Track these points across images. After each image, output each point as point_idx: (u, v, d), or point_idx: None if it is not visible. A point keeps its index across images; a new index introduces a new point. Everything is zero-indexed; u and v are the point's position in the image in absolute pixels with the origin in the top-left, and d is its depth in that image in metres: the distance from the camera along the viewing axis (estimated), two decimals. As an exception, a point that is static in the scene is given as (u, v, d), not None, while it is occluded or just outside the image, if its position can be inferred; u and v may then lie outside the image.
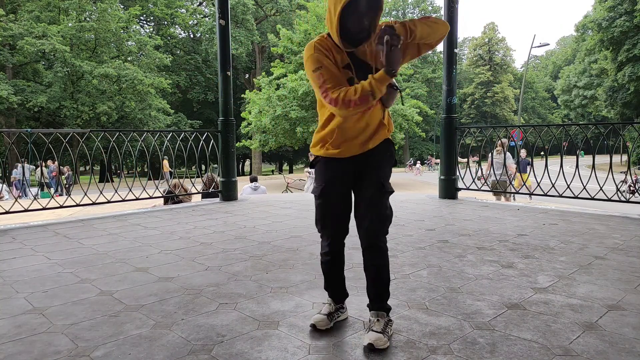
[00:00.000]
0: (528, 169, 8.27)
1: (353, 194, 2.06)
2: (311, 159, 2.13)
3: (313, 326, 2.05)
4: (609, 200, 5.19)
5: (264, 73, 23.38)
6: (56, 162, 16.73)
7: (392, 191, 1.99)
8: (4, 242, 3.99)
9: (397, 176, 30.95)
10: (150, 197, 5.85)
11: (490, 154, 8.90)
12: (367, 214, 1.94)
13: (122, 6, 31.48)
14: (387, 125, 2.03)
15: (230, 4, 7.09)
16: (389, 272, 2.01)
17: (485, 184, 6.62)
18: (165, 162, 17.49)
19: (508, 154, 8.49)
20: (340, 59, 1.92)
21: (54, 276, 2.94)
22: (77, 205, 5.43)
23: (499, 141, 8.85)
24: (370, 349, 1.85)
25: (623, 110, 32.48)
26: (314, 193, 2.05)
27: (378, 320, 1.95)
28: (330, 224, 2.04)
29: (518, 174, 8.95)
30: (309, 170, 13.15)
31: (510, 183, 7.85)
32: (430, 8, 53.24)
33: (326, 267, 2.11)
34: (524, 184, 7.97)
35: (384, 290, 2.00)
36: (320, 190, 2.01)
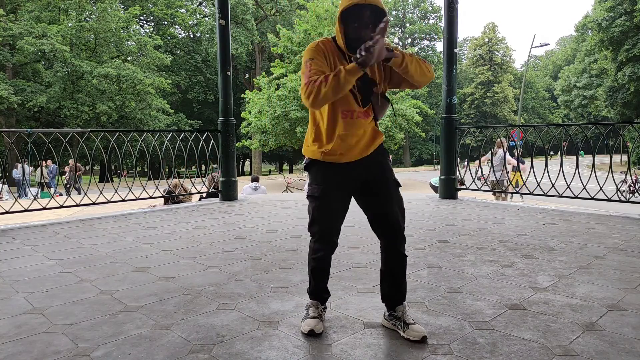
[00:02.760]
0: (520, 167, 8.41)
1: (357, 198, 2.07)
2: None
3: (312, 332, 1.99)
4: (609, 200, 5.19)
5: (264, 73, 23.34)
6: (73, 161, 16.59)
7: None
8: (4, 242, 3.99)
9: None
10: (151, 197, 5.85)
11: (490, 154, 8.91)
12: (394, 213, 2.00)
13: (122, 6, 31.45)
14: (379, 132, 2.09)
15: (230, 4, 7.09)
16: None
17: (485, 183, 6.62)
18: None
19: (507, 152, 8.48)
20: (341, 65, 1.89)
21: (54, 276, 2.94)
22: (77, 205, 5.43)
23: (497, 141, 8.84)
24: (424, 340, 1.92)
25: (623, 110, 32.49)
26: (311, 194, 2.03)
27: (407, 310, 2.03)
28: (329, 225, 2.03)
29: (512, 172, 8.99)
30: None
31: (510, 183, 7.84)
32: (430, 8, 53.20)
33: (319, 268, 2.10)
34: (522, 182, 7.98)
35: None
36: (321, 192, 2.00)
